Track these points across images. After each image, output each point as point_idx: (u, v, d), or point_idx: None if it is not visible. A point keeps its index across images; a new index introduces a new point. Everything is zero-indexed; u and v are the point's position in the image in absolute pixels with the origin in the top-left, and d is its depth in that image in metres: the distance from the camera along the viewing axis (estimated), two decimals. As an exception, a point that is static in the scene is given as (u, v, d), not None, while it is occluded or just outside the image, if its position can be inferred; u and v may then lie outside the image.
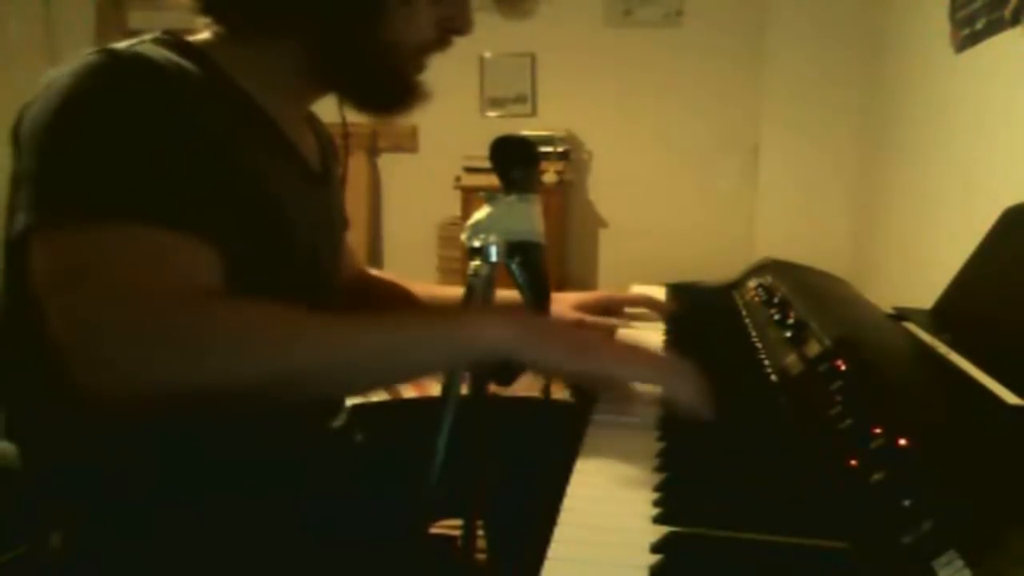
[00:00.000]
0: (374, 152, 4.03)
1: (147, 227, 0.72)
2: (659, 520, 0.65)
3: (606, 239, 3.94)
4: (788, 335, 1.09)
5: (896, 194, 2.83)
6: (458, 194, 3.67)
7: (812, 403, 0.87)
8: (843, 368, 0.88)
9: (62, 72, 0.77)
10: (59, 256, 0.72)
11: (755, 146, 3.53)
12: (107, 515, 0.82)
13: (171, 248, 0.73)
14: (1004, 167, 1.88)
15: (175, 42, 0.86)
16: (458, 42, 0.96)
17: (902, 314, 1.17)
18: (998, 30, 1.94)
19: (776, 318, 1.19)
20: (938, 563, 0.52)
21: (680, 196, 3.79)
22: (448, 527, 1.02)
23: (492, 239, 0.90)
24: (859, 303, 1.38)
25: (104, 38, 3.19)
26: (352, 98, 0.96)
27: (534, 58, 3.86)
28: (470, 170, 3.58)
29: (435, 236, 3.83)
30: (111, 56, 0.77)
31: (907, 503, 0.59)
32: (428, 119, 2.18)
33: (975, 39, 2.08)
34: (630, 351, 0.85)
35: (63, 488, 0.84)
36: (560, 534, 0.64)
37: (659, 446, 0.80)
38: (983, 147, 2.04)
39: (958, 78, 2.22)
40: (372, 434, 1.09)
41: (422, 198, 3.91)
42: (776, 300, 1.27)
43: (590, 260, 3.94)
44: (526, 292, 0.92)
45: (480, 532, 1.04)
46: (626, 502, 0.69)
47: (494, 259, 0.90)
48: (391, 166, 4.06)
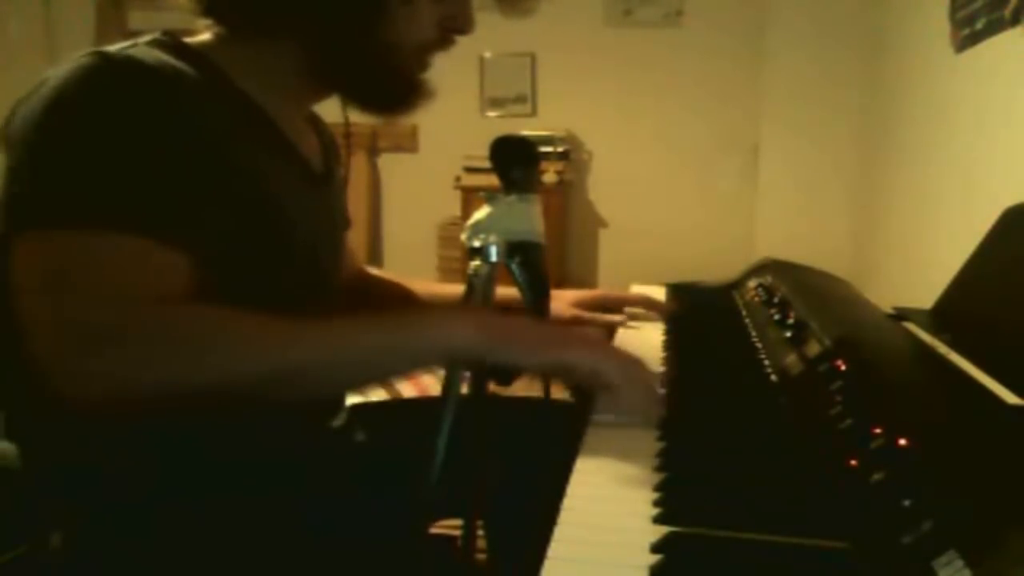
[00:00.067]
0: (374, 152, 4.03)
1: (121, 234, 0.73)
2: (659, 520, 0.65)
3: (606, 239, 3.94)
4: (788, 335, 1.09)
5: (896, 194, 2.83)
6: (458, 194, 3.67)
7: (812, 403, 0.87)
8: (843, 368, 0.88)
9: (55, 73, 0.76)
10: (34, 260, 0.72)
11: (755, 146, 3.53)
12: (107, 515, 0.83)
13: (144, 255, 0.74)
14: (1004, 167, 1.88)
15: (173, 43, 0.86)
16: (458, 42, 0.96)
17: (902, 314, 1.17)
18: (998, 30, 1.94)
19: (776, 318, 1.19)
20: (938, 563, 0.52)
21: (680, 196, 3.79)
22: (448, 527, 1.02)
23: (492, 239, 0.90)
24: (859, 303, 1.38)
25: (104, 38, 3.19)
26: (355, 98, 0.96)
27: (534, 58, 3.86)
28: (470, 170, 3.58)
29: (435, 236, 3.83)
30: (103, 59, 0.77)
31: (907, 503, 0.59)
32: (428, 119, 2.18)
33: (975, 39, 2.08)
34: (590, 344, 0.85)
35: (63, 488, 0.84)
36: (560, 534, 0.64)
37: (659, 446, 0.80)
38: (983, 147, 2.04)
39: (958, 78, 2.22)
40: (372, 434, 1.09)
41: (422, 198, 3.91)
42: (776, 300, 1.27)
43: (590, 260, 3.94)
44: (526, 292, 0.92)
45: (480, 532, 1.04)
46: (626, 502, 0.69)
47: (494, 259, 0.90)
48: (391, 166, 4.06)
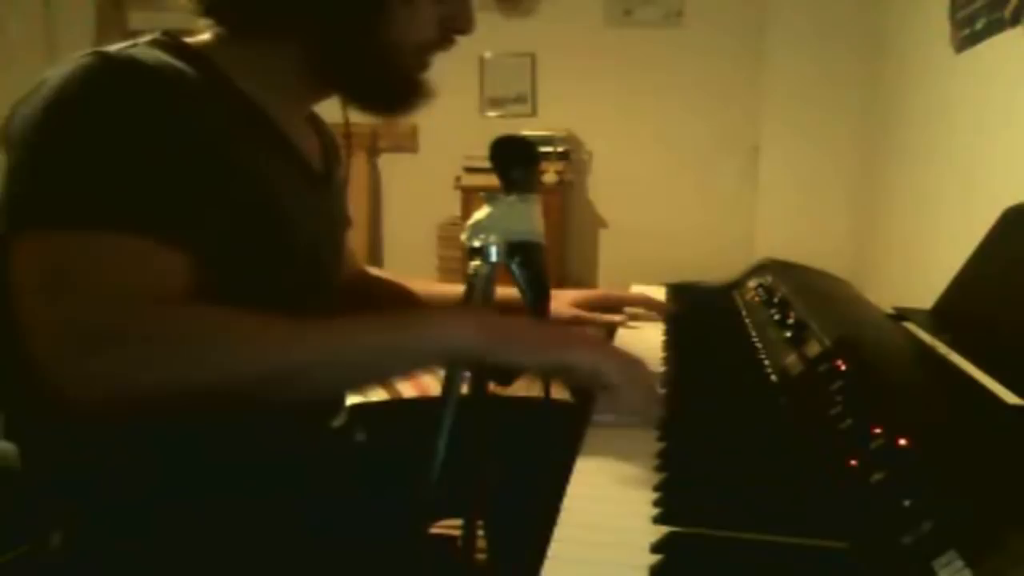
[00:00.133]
0: (374, 152, 4.03)
1: (120, 234, 0.73)
2: (659, 520, 0.65)
3: (606, 239, 3.94)
4: (788, 335, 1.09)
5: (896, 194, 2.83)
6: (458, 194, 3.67)
7: (812, 403, 0.87)
8: (843, 368, 0.88)
9: (55, 73, 0.76)
10: (33, 260, 0.72)
11: (755, 146, 3.53)
12: (107, 515, 0.82)
13: (144, 255, 0.74)
14: (1004, 167, 1.88)
15: (173, 44, 0.86)
16: (458, 42, 0.96)
17: (902, 314, 1.17)
18: (998, 30, 1.94)
19: (776, 318, 1.19)
20: (938, 563, 0.52)
21: (680, 196, 3.79)
22: (448, 527, 1.02)
23: (492, 239, 0.90)
24: (859, 303, 1.38)
25: (104, 38, 3.19)
26: (355, 98, 0.96)
27: (534, 58, 3.86)
28: (470, 170, 3.58)
29: (435, 236, 3.83)
30: (102, 59, 0.77)
31: (907, 503, 0.59)
32: (428, 119, 2.18)
33: (975, 39, 2.08)
34: (590, 344, 0.86)
35: (63, 488, 0.84)
36: (560, 534, 0.64)
37: (659, 446, 0.80)
38: (983, 147, 2.04)
39: (958, 78, 2.22)
40: (372, 434, 1.09)
41: (422, 198, 3.91)
42: (776, 300, 1.27)
43: (590, 260, 3.94)
44: (526, 292, 0.92)
45: (480, 532, 1.04)
46: (626, 502, 0.69)
47: (494, 259, 0.90)
48: (391, 166, 4.06)
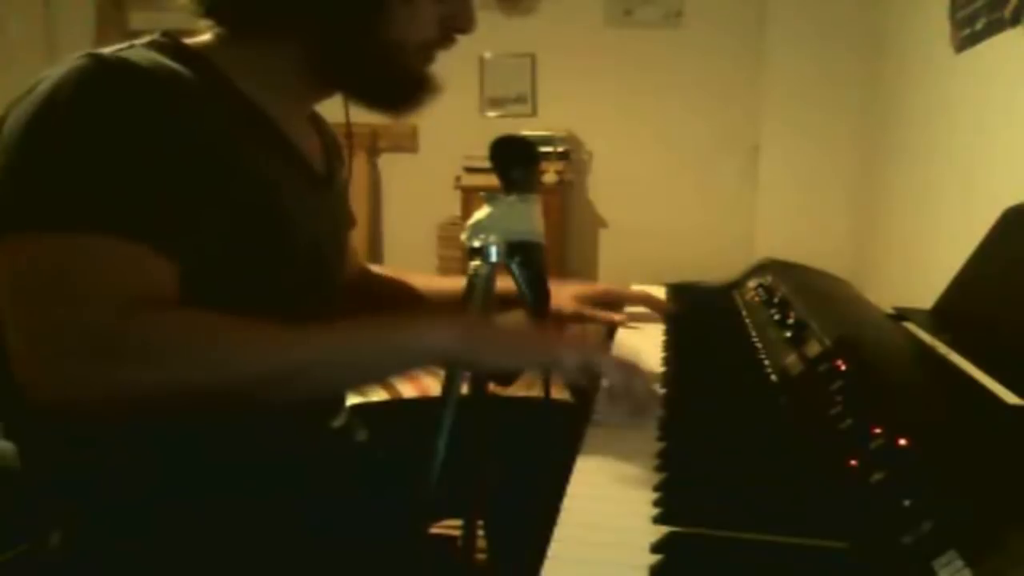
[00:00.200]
0: (374, 152, 4.02)
1: (108, 236, 0.73)
2: (659, 520, 0.65)
3: (606, 239, 3.94)
4: (788, 335, 1.09)
5: (896, 194, 2.83)
6: (458, 194, 3.66)
7: (812, 403, 0.87)
8: (843, 368, 0.88)
9: (49, 74, 0.76)
10: (20, 261, 0.73)
11: (755, 146, 3.52)
12: (107, 515, 0.82)
13: (139, 259, 0.74)
14: (1004, 167, 1.88)
15: (171, 45, 0.86)
16: (459, 41, 0.96)
17: (902, 314, 1.17)
18: (998, 30, 1.94)
19: (776, 318, 1.19)
20: (938, 563, 0.52)
21: (680, 196, 3.78)
22: (448, 527, 1.02)
23: (492, 239, 0.90)
24: (859, 303, 1.38)
25: (104, 38, 3.19)
26: (360, 97, 0.96)
27: (534, 58, 3.85)
28: (470, 170, 3.57)
29: (435, 236, 3.82)
30: (96, 61, 0.77)
31: (907, 503, 0.59)
32: (428, 119, 2.18)
33: (975, 39, 2.08)
34: (579, 347, 0.86)
35: (62, 488, 0.84)
36: (560, 534, 0.64)
37: (659, 446, 0.80)
38: (983, 147, 2.04)
39: (958, 78, 2.22)
40: (372, 434, 1.09)
41: (422, 198, 3.90)
42: (776, 300, 1.27)
43: (590, 260, 3.94)
44: (526, 292, 0.92)
45: (480, 532, 1.04)
46: (626, 502, 0.69)
47: (494, 259, 0.90)
48: (391, 166, 4.05)
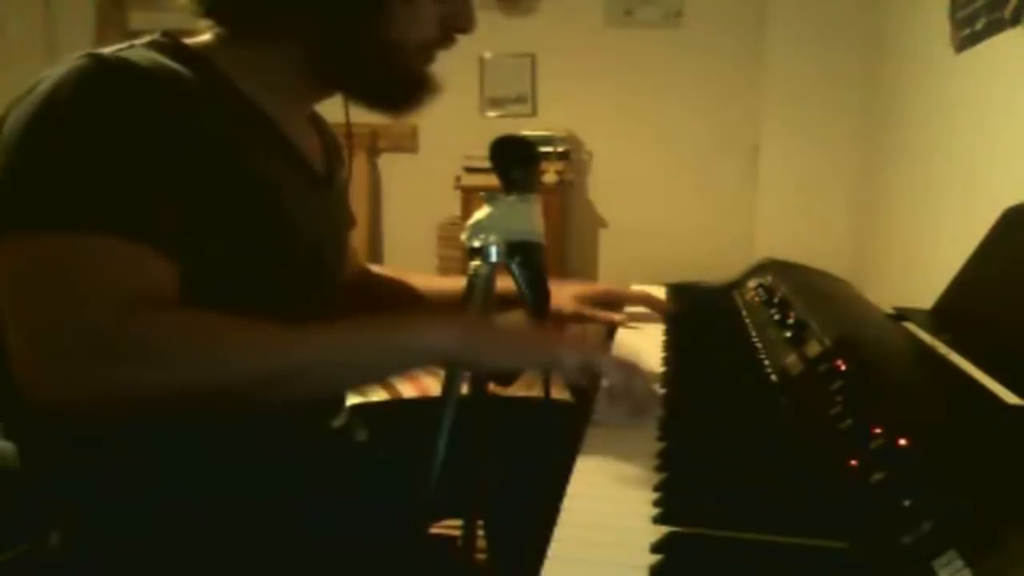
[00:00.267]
0: (374, 152, 4.02)
1: (108, 236, 0.73)
2: (659, 520, 0.65)
3: (606, 239, 3.94)
4: (788, 335, 1.09)
5: (896, 194, 2.83)
6: (458, 194, 3.66)
7: (812, 403, 0.87)
8: (843, 368, 0.88)
9: (49, 74, 0.77)
10: (19, 261, 0.73)
11: (755, 146, 3.52)
12: (106, 515, 0.82)
13: (139, 260, 0.74)
14: (1004, 167, 1.87)
15: (171, 45, 0.86)
16: (459, 41, 0.96)
17: (902, 314, 1.17)
18: (998, 30, 1.94)
19: (776, 318, 1.19)
20: (938, 563, 0.52)
21: (680, 196, 3.78)
22: (448, 527, 1.02)
23: (492, 239, 0.90)
24: (859, 303, 1.38)
25: (104, 38, 3.19)
26: (360, 97, 0.96)
27: (534, 58, 3.85)
28: (470, 170, 3.57)
29: (435, 236, 3.82)
30: (96, 61, 0.77)
31: (907, 503, 0.59)
32: (428, 119, 2.18)
33: (975, 39, 2.08)
34: (578, 348, 0.86)
35: (62, 488, 0.84)
36: (560, 534, 0.64)
37: (659, 446, 0.80)
38: (983, 147, 2.04)
39: (958, 78, 2.22)
40: (372, 434, 1.09)
41: (422, 198, 3.90)
42: (776, 300, 1.27)
43: (590, 260, 3.94)
44: (526, 292, 0.92)
45: (480, 532, 1.04)
46: (626, 502, 0.69)
47: (494, 259, 0.90)
48: (391, 166, 4.05)
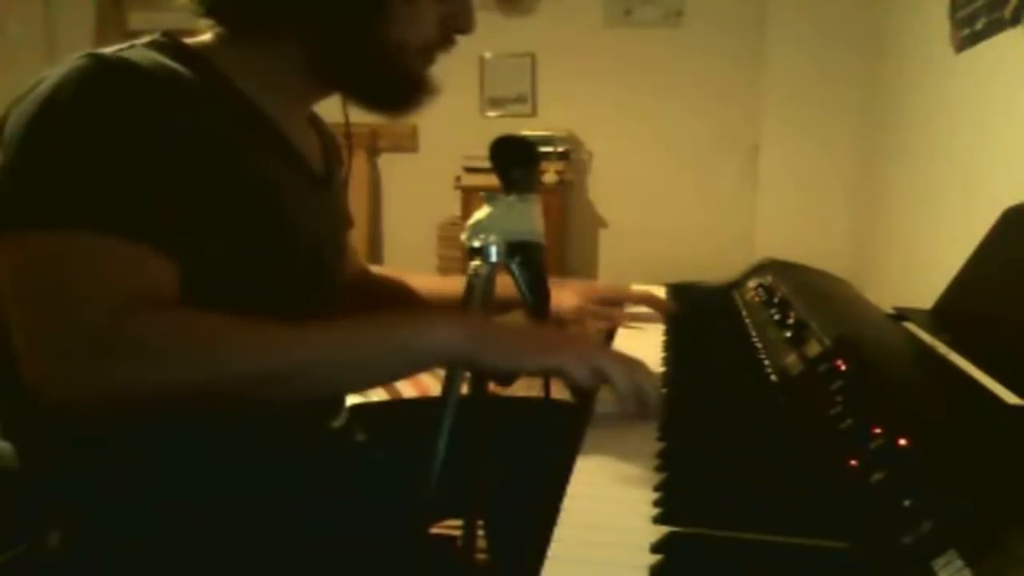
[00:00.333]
0: (374, 152, 4.02)
1: (108, 236, 0.73)
2: (659, 520, 0.65)
3: (606, 239, 3.94)
4: (788, 335, 1.09)
5: (896, 194, 2.83)
6: (458, 194, 3.67)
7: (812, 403, 0.87)
8: (843, 368, 0.88)
9: (49, 74, 0.77)
10: (19, 260, 0.73)
11: (755, 146, 3.53)
12: (106, 515, 0.82)
13: (139, 260, 0.74)
14: (1004, 167, 1.88)
15: (171, 45, 0.86)
16: (458, 43, 0.96)
17: (902, 314, 1.17)
18: (998, 30, 1.94)
19: (776, 318, 1.19)
20: (938, 563, 0.52)
21: (680, 196, 3.79)
22: (448, 527, 1.02)
23: (492, 239, 0.90)
24: (859, 303, 1.38)
25: (104, 38, 3.19)
26: (360, 98, 0.96)
27: (534, 58, 3.86)
28: (470, 170, 3.57)
29: (435, 236, 3.83)
30: (96, 61, 0.77)
31: (907, 503, 0.59)
32: (428, 119, 2.18)
33: (975, 39, 2.08)
34: (581, 347, 0.85)
35: (61, 488, 0.84)
36: (560, 534, 0.64)
37: (659, 446, 0.80)
38: (983, 147, 2.04)
39: (958, 78, 2.22)
40: (372, 434, 1.09)
41: (422, 198, 3.91)
42: (776, 300, 1.27)
43: (590, 260, 3.94)
44: (526, 292, 0.92)
45: (480, 532, 1.04)
46: (626, 502, 0.69)
47: (494, 259, 0.90)
48: (391, 166, 4.05)
